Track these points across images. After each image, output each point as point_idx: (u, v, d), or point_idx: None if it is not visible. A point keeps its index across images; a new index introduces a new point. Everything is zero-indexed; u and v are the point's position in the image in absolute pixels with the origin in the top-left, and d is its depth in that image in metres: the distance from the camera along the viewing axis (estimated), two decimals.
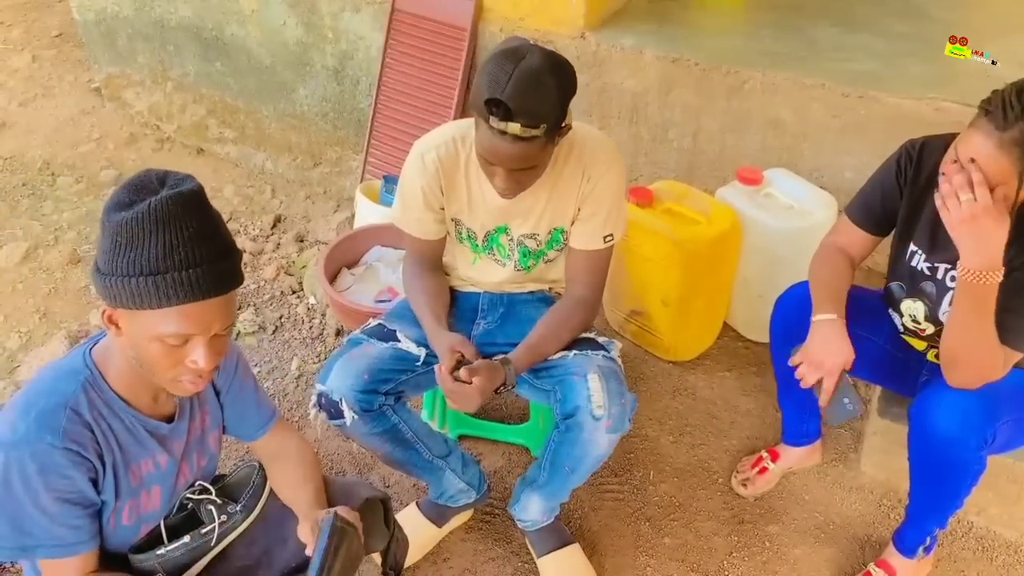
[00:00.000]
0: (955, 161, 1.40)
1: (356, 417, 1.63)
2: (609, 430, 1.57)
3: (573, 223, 1.70)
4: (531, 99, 1.40)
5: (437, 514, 1.93)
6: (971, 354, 1.49)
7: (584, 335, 1.72)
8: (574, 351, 1.67)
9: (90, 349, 1.25)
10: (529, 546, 1.90)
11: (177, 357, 1.16)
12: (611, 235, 1.69)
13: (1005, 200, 1.38)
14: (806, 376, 1.64)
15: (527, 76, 1.40)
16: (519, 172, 1.51)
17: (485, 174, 1.58)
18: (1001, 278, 1.41)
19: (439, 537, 1.94)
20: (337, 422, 1.65)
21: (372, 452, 1.79)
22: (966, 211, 1.37)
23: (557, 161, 1.63)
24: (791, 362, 1.68)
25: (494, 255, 1.78)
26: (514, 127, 1.41)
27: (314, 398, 1.67)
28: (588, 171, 1.64)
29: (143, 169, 1.16)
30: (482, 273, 1.82)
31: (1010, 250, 1.44)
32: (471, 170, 1.66)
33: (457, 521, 1.97)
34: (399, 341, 1.73)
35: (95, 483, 1.21)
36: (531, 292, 1.85)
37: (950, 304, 1.58)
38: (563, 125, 1.50)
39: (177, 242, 1.09)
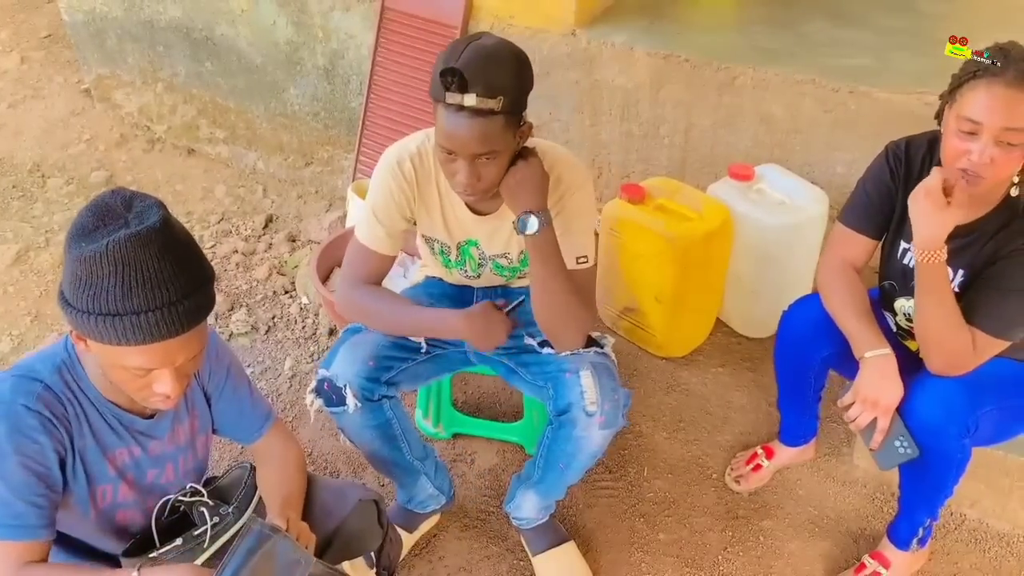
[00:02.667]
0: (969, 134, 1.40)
1: (359, 405, 1.61)
2: (602, 426, 1.57)
3: None
4: (487, 68, 1.37)
5: (406, 520, 1.91)
6: (936, 336, 1.51)
7: None
8: None
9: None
10: (524, 544, 1.91)
11: (144, 382, 1.16)
12: (584, 257, 1.61)
13: None
14: (860, 418, 1.56)
15: (482, 49, 1.39)
16: (480, 161, 1.43)
17: (446, 175, 1.50)
18: (944, 257, 1.45)
19: (411, 542, 1.93)
20: (337, 409, 1.62)
21: (359, 447, 1.76)
22: (916, 190, 1.45)
23: None
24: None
25: (466, 271, 1.75)
26: (470, 98, 1.36)
27: (314, 384, 1.64)
28: (555, 190, 1.57)
29: (111, 188, 1.13)
30: (458, 281, 1.81)
31: (992, 242, 1.49)
32: (442, 179, 1.60)
33: (426, 526, 1.96)
34: None
35: (62, 463, 1.20)
36: (522, 288, 1.84)
37: None
38: (523, 121, 1.46)
39: (135, 284, 1.06)
